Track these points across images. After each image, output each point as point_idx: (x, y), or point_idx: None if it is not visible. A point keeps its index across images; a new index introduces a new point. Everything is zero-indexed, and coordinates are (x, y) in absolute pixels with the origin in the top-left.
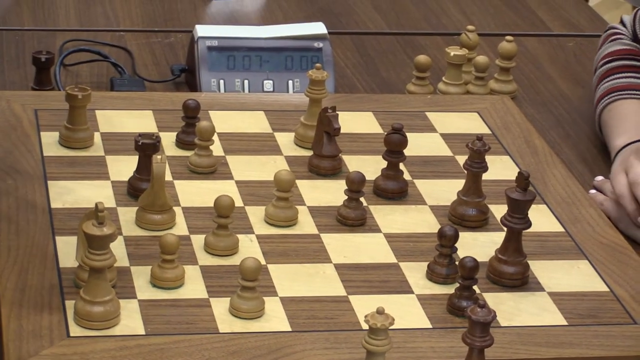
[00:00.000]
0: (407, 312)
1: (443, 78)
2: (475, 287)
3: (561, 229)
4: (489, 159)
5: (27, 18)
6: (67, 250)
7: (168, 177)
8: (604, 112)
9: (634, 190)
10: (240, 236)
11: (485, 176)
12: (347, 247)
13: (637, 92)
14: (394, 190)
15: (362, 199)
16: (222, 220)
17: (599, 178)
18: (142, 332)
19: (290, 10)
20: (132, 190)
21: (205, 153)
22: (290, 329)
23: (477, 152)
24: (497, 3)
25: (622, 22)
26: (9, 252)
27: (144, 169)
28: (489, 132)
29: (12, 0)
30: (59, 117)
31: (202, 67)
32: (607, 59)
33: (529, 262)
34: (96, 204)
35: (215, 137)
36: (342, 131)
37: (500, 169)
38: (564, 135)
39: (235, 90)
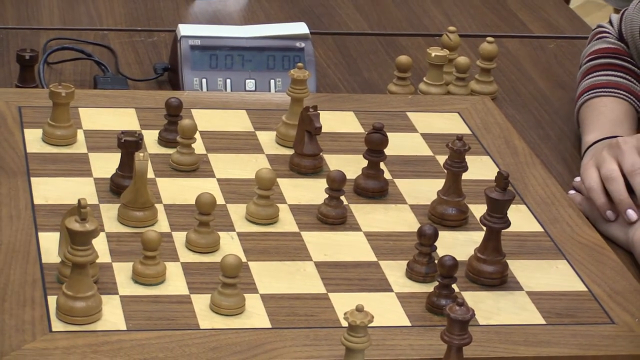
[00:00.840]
0: (387, 310)
1: (424, 78)
2: (454, 286)
3: (540, 229)
4: (469, 159)
5: (11, 16)
6: (50, 246)
7: (150, 174)
8: (582, 108)
9: (607, 185)
10: (221, 233)
11: (465, 176)
12: (327, 245)
13: (617, 90)
14: (374, 189)
15: (342, 198)
16: (204, 217)
17: (578, 179)
18: (124, 327)
19: (273, 10)
20: (115, 187)
21: (187, 151)
22: (270, 326)
23: (457, 152)
24: (478, 4)
25: (610, 22)
26: None
27: (127, 166)
28: (469, 132)
29: None
30: (42, 114)
31: (185, 66)
32: (591, 57)
33: (508, 261)
34: (79, 200)
35: (197, 135)
36: (323, 130)
37: (480, 169)
38: (543, 136)
39: (217, 89)
